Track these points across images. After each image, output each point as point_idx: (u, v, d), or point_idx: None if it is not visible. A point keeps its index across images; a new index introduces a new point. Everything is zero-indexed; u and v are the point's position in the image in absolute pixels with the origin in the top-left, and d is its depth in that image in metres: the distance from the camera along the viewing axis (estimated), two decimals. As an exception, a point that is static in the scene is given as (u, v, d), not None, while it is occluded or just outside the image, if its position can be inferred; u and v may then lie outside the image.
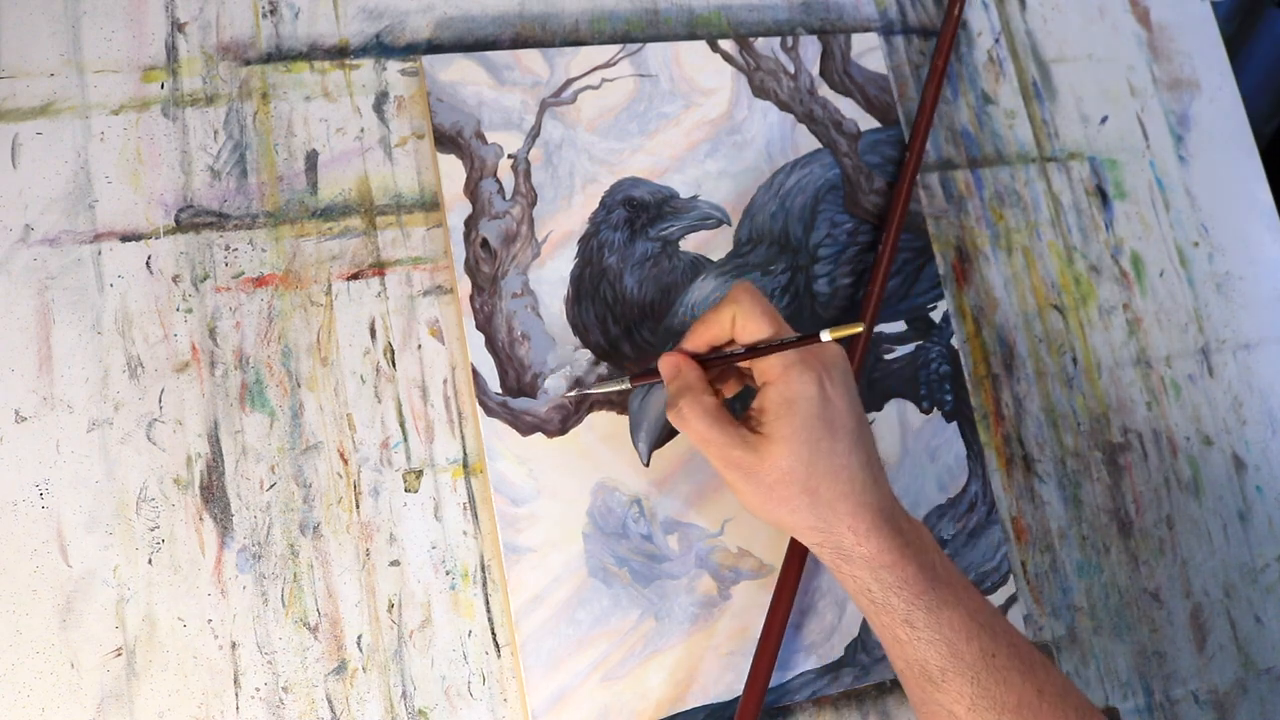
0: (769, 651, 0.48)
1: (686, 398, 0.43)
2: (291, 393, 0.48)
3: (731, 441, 0.42)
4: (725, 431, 0.42)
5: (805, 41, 0.58)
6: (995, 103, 0.63)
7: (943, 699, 0.42)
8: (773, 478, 0.42)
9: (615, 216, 0.53)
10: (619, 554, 0.49)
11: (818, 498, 0.42)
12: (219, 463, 0.46)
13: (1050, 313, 0.60)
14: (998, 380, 0.58)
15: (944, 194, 0.60)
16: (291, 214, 0.49)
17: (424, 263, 0.50)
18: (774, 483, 0.42)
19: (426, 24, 0.54)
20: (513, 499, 0.48)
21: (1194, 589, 0.58)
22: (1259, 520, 0.61)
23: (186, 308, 0.47)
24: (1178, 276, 0.63)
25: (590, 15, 0.56)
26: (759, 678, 0.48)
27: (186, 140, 0.49)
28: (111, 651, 0.43)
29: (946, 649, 0.41)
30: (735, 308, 0.44)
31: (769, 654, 0.48)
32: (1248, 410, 0.63)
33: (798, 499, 0.42)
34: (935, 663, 0.42)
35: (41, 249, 0.46)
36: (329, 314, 0.49)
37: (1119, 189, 0.64)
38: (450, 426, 0.49)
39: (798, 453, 0.41)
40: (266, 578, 0.45)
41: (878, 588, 0.42)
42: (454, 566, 0.48)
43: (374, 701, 0.45)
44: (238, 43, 0.51)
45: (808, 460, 0.41)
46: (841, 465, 0.42)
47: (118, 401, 0.46)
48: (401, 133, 0.52)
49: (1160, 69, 0.67)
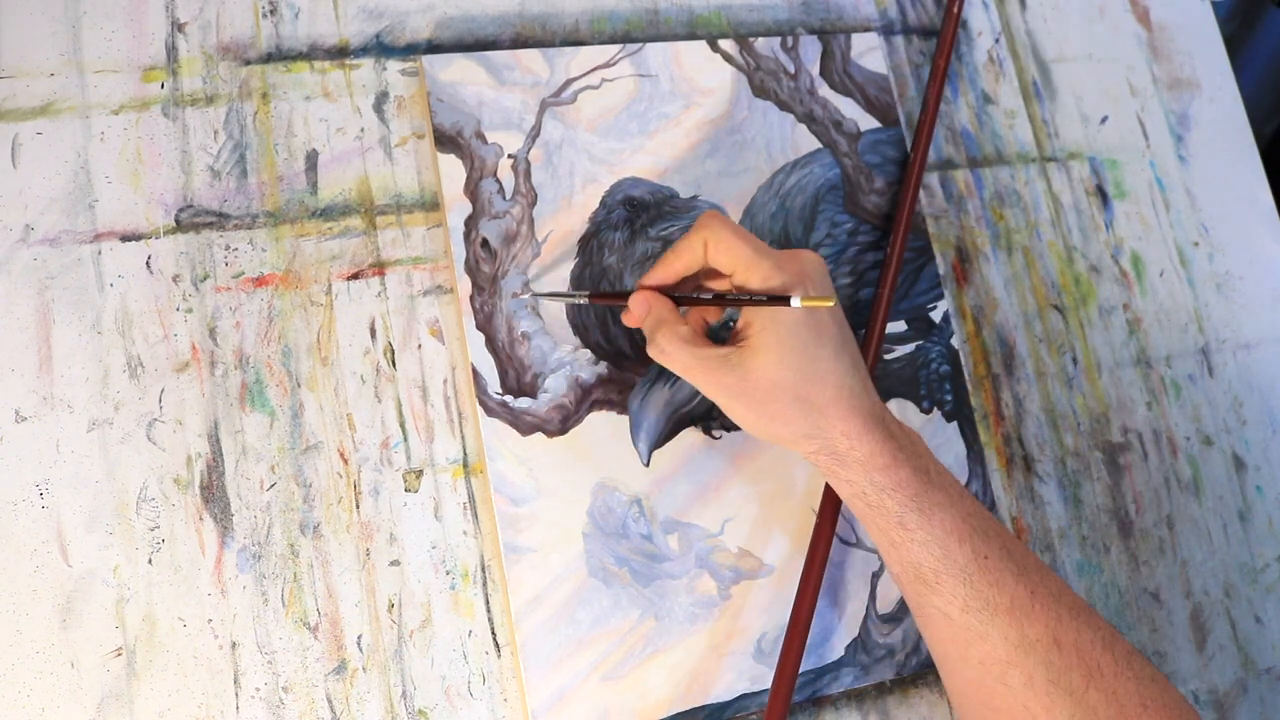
0: (797, 641, 0.48)
1: (663, 332, 0.44)
2: (291, 393, 0.48)
3: (715, 365, 0.43)
4: (707, 357, 0.43)
5: (805, 41, 0.58)
6: (995, 103, 0.63)
7: (937, 601, 0.42)
8: (762, 390, 0.42)
9: (615, 216, 0.53)
10: (619, 554, 0.49)
11: (809, 405, 0.42)
12: (219, 463, 0.46)
13: (1050, 313, 0.60)
14: (998, 380, 0.58)
15: (944, 194, 0.60)
16: (291, 214, 0.49)
17: (424, 263, 0.50)
18: (764, 396, 0.42)
19: (426, 24, 0.54)
20: (513, 499, 0.48)
21: (1194, 589, 0.58)
22: (1259, 520, 0.61)
23: (186, 308, 0.47)
24: (1178, 276, 0.63)
25: (590, 15, 0.56)
26: (788, 667, 0.48)
27: (186, 140, 0.49)
28: (111, 651, 0.43)
29: (940, 551, 0.42)
30: (706, 234, 0.44)
31: (797, 643, 0.48)
32: (1248, 410, 0.63)
33: (790, 408, 0.42)
34: (929, 565, 0.42)
35: (41, 249, 0.46)
36: (329, 314, 0.49)
37: (1119, 189, 0.64)
38: (450, 426, 0.49)
39: (786, 361, 0.42)
40: (266, 578, 0.45)
41: (872, 490, 0.42)
42: (454, 566, 0.48)
43: (374, 701, 0.45)
44: (238, 43, 0.51)
45: (796, 368, 0.42)
46: (829, 371, 0.42)
47: (118, 401, 0.46)
48: (401, 133, 0.52)
49: (1160, 69, 0.67)
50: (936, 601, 0.42)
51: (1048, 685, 0.41)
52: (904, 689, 0.52)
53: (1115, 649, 0.42)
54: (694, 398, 0.52)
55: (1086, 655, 0.41)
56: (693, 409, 0.51)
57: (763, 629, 0.50)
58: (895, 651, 0.51)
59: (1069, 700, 0.40)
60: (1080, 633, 0.42)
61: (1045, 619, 0.41)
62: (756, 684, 0.49)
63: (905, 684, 0.52)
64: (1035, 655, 0.41)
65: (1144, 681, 0.41)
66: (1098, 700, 0.40)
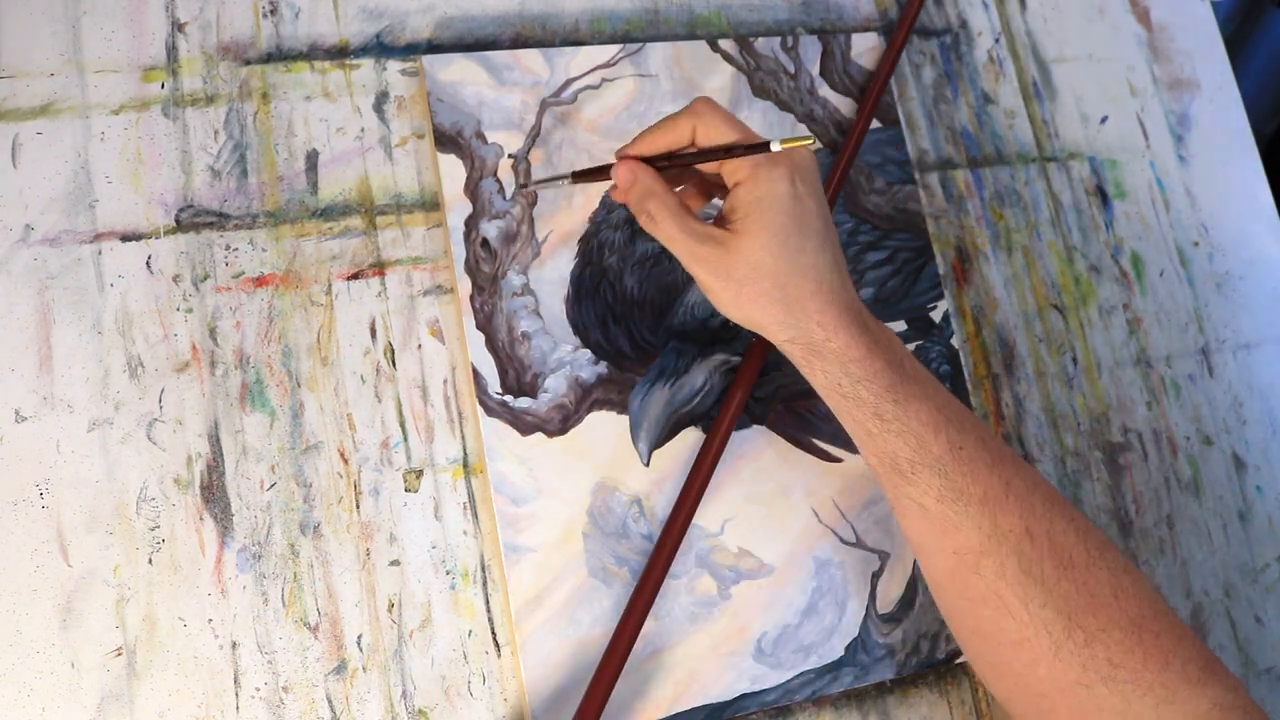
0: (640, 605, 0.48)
1: (653, 200, 0.44)
2: (292, 393, 0.48)
3: (701, 239, 0.43)
4: (695, 230, 0.43)
5: (805, 41, 0.58)
6: (995, 103, 0.63)
7: (912, 492, 0.43)
8: (743, 273, 0.42)
9: (615, 216, 0.53)
10: (619, 554, 0.49)
11: (787, 293, 0.42)
12: (219, 462, 0.46)
13: (1050, 313, 0.60)
14: (998, 380, 0.58)
15: (944, 194, 0.60)
16: (292, 214, 0.49)
17: (424, 262, 0.50)
18: (744, 278, 0.42)
19: (426, 24, 0.54)
20: (513, 499, 0.48)
21: (1194, 589, 0.58)
22: (1259, 520, 0.61)
23: (187, 308, 0.47)
24: (1178, 276, 0.63)
25: (590, 15, 0.56)
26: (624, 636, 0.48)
27: (187, 140, 0.49)
28: (111, 651, 0.43)
29: (915, 441, 0.42)
30: (695, 119, 0.44)
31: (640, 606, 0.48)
32: (1248, 410, 0.63)
33: (769, 295, 0.42)
34: (904, 455, 0.42)
35: (42, 249, 0.46)
36: (329, 314, 0.49)
37: (1119, 189, 0.64)
38: (450, 426, 0.49)
39: (768, 247, 0.42)
40: (266, 577, 0.45)
41: (847, 381, 0.43)
42: (454, 566, 0.48)
43: (374, 701, 0.45)
44: (238, 43, 0.51)
45: (777, 255, 0.42)
46: (810, 264, 0.42)
47: (118, 401, 0.46)
48: (402, 133, 0.52)
49: (1160, 69, 0.67)
50: (912, 493, 0.43)
51: (1020, 574, 0.41)
52: (904, 689, 0.52)
53: (1088, 540, 0.42)
54: (694, 397, 0.52)
55: (1059, 546, 0.42)
56: (693, 409, 0.51)
57: (763, 629, 0.50)
58: (895, 651, 0.51)
59: (1040, 589, 0.41)
60: (1054, 523, 0.42)
61: (1018, 510, 0.42)
62: (756, 684, 0.49)
63: (905, 684, 0.52)
64: (1008, 545, 0.41)
65: (1116, 572, 0.42)
66: (1069, 589, 0.41)
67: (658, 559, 0.48)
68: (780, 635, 0.50)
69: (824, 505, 0.52)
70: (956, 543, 0.42)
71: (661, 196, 0.44)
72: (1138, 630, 0.40)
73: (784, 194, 0.42)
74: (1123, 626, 0.40)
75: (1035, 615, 0.41)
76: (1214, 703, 0.40)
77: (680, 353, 0.52)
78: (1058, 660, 0.41)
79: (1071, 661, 0.40)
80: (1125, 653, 0.40)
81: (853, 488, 0.53)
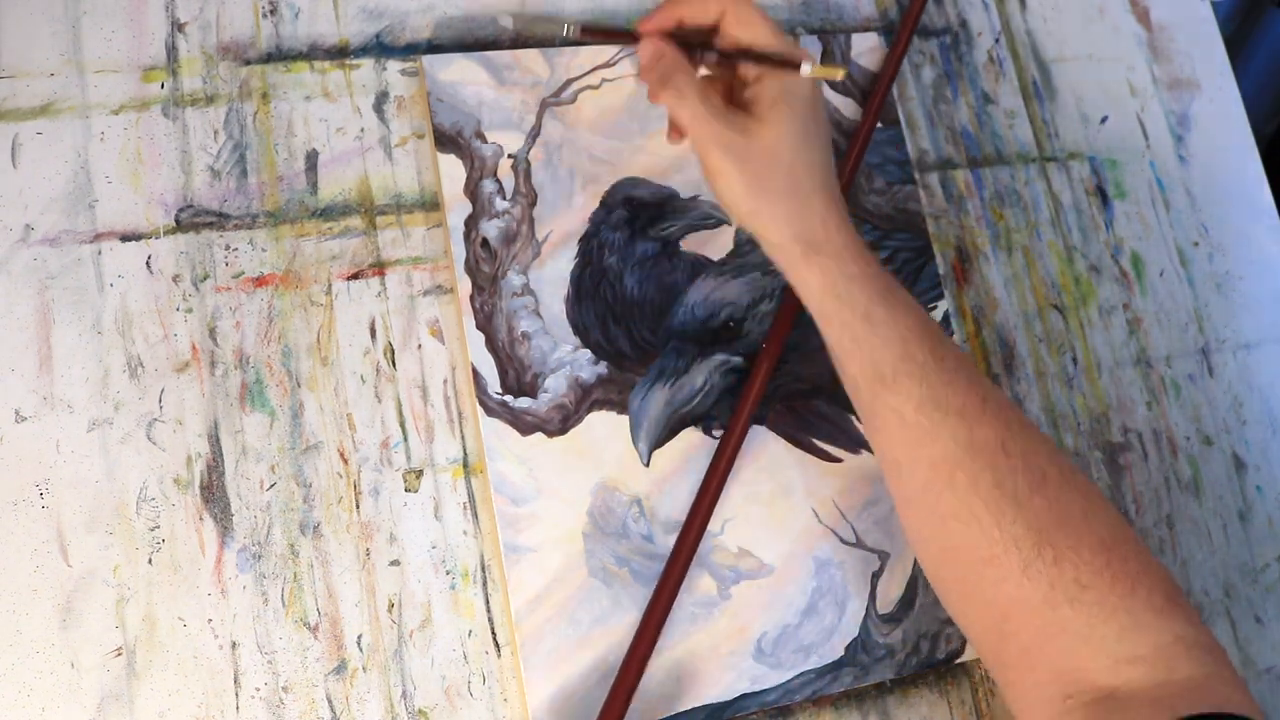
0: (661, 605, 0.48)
1: (681, 76, 0.44)
2: (291, 393, 0.48)
3: (724, 120, 0.43)
4: (720, 110, 0.44)
5: (805, 41, 0.58)
6: (995, 103, 0.63)
7: (892, 399, 0.43)
8: (760, 160, 0.43)
9: (615, 216, 0.53)
10: (619, 554, 0.49)
11: (798, 186, 0.43)
12: (219, 463, 0.46)
13: (1050, 313, 0.60)
14: (998, 380, 0.58)
15: (944, 194, 0.60)
16: (291, 214, 0.49)
17: (424, 263, 0.50)
18: (760, 166, 0.43)
19: (426, 24, 0.54)
20: (513, 499, 0.48)
21: (1194, 589, 0.58)
22: (1259, 520, 0.61)
23: (186, 308, 0.47)
24: (1178, 276, 0.63)
25: (590, 15, 0.56)
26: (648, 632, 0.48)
27: (186, 140, 0.49)
28: (111, 651, 0.43)
29: (900, 348, 0.43)
30: (728, 4, 0.45)
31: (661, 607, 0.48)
32: (1248, 410, 0.63)
33: (780, 184, 0.43)
34: (888, 361, 0.43)
35: (41, 249, 0.46)
36: (329, 314, 0.49)
37: (1119, 189, 0.64)
38: (450, 426, 0.49)
39: (787, 139, 0.43)
40: (266, 578, 0.45)
41: (843, 280, 0.43)
42: (454, 566, 0.48)
43: (374, 701, 0.45)
44: (238, 43, 0.51)
45: (794, 147, 0.43)
46: (820, 162, 0.44)
47: (118, 401, 0.46)
48: (401, 133, 0.52)
49: (1160, 69, 0.67)
50: (892, 401, 0.43)
51: (993, 489, 0.41)
52: (904, 689, 0.52)
53: (1060, 461, 0.42)
54: (694, 398, 0.52)
55: (1032, 464, 0.41)
56: (693, 409, 0.51)
57: (763, 629, 0.50)
58: (895, 651, 0.51)
59: (1013, 505, 0.41)
60: (1028, 442, 0.42)
61: (995, 425, 0.42)
62: (756, 684, 0.49)
63: (905, 684, 0.52)
64: (982, 459, 0.41)
65: (1088, 494, 0.42)
66: (1041, 506, 0.40)
67: (672, 570, 0.48)
68: (780, 635, 0.50)
69: (824, 505, 0.52)
70: (932, 454, 0.42)
71: (689, 73, 0.44)
72: (1106, 552, 0.40)
73: (806, 96, 0.44)
74: (1092, 547, 0.40)
75: (1006, 531, 0.40)
76: (1176, 636, 0.39)
77: (680, 353, 0.52)
78: (1026, 578, 0.40)
79: (1039, 580, 0.40)
80: (1094, 574, 0.39)
81: (853, 488, 0.53)
